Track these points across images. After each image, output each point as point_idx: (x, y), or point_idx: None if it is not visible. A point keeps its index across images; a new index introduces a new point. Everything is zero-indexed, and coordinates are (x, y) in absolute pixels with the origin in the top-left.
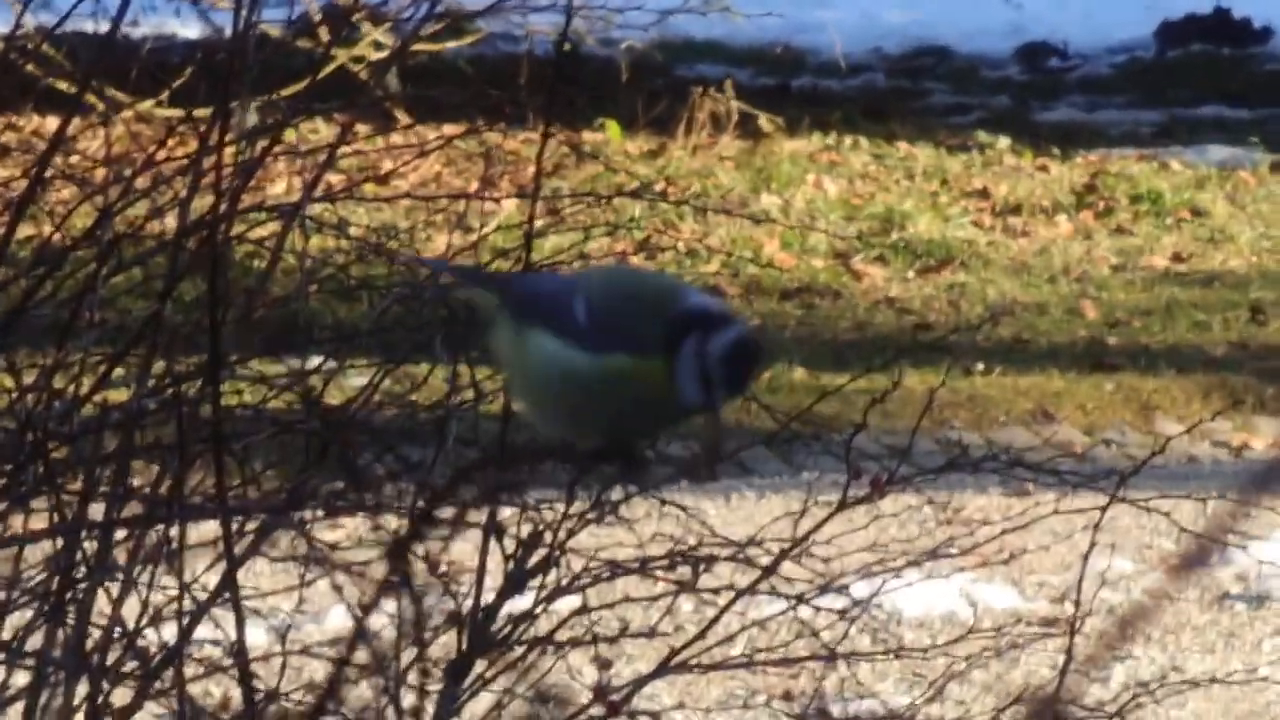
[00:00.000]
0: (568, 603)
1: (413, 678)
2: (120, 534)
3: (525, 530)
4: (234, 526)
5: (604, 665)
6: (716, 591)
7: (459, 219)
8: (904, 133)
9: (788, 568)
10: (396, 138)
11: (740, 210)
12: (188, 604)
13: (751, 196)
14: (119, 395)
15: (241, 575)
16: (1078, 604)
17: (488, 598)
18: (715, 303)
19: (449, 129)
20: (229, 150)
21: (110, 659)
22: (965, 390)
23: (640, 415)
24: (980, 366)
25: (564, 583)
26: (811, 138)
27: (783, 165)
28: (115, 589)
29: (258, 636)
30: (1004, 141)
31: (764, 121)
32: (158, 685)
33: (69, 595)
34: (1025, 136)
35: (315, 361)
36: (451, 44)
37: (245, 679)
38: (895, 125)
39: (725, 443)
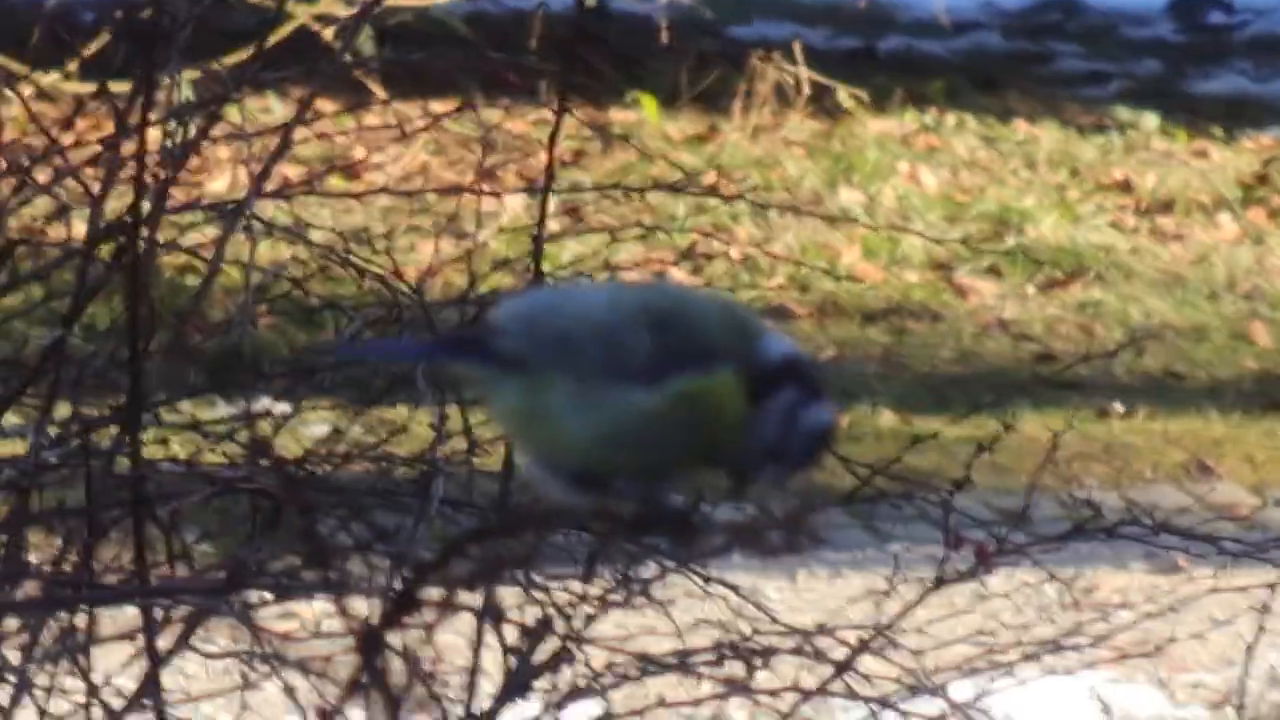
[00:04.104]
0: (586, 709)
1: None
2: (12, 623)
3: (531, 616)
4: (158, 613)
5: None
6: (776, 694)
7: (450, 221)
8: (1023, 109)
9: (868, 663)
10: (371, 118)
11: (813, 209)
12: (98, 713)
13: (827, 191)
14: (12, 447)
15: (167, 676)
16: (1241, 708)
17: (483, 702)
18: (805, 354)
19: (438, 106)
20: (155, 133)
21: None
22: (1100, 437)
23: (697, 450)
24: (1120, 407)
25: (581, 683)
26: (904, 116)
27: (867, 151)
28: (6, 694)
29: None
30: (1152, 120)
31: (843, 95)
32: None
33: None
34: (1179, 113)
35: (264, 404)
36: None
37: None
38: (1012, 99)
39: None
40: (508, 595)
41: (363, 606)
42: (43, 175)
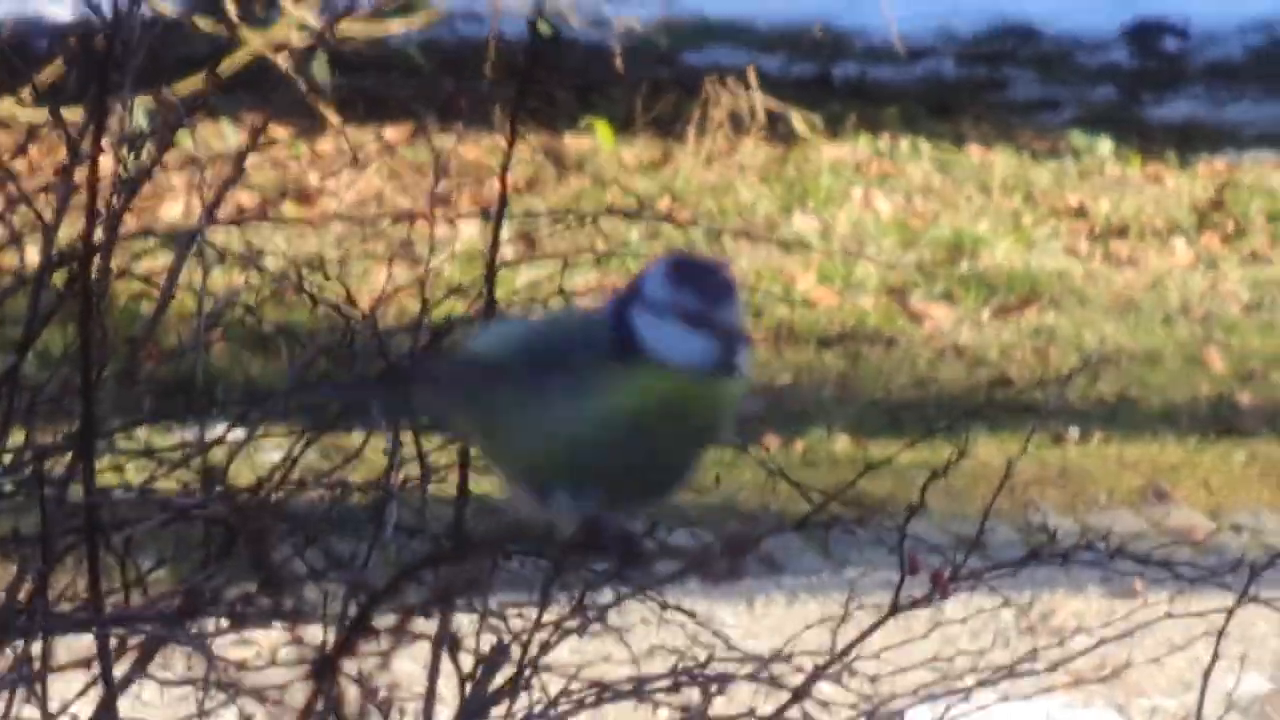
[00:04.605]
0: None
1: None
2: None
3: (487, 643)
4: (113, 641)
5: None
6: None
7: (404, 247)
8: (977, 135)
9: (824, 689)
10: (325, 144)
11: (767, 235)
12: None
13: (782, 217)
14: None
15: (123, 704)
16: None
17: None
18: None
19: (392, 133)
20: (108, 160)
21: None
22: (1055, 462)
23: (680, 445)
24: (1075, 432)
25: (537, 709)
26: (859, 142)
27: (822, 178)
28: None
29: None
30: (1106, 145)
31: (798, 121)
32: None
33: None
34: (1133, 138)
35: (218, 430)
36: (397, 25)
37: None
38: (966, 125)
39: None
40: (463, 622)
41: (318, 634)
42: None
